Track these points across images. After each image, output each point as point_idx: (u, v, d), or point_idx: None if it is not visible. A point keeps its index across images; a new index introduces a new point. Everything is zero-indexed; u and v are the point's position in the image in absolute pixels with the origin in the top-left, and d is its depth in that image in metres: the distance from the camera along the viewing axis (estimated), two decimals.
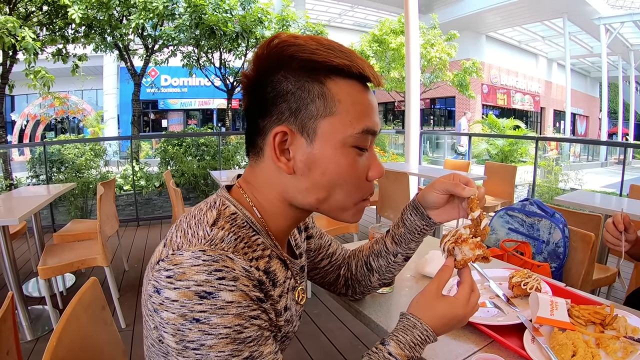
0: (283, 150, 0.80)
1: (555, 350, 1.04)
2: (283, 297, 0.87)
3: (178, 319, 0.68)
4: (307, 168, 0.80)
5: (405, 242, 1.11)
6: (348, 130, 0.79)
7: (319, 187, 0.81)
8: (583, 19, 22.28)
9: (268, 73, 0.79)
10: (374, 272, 1.19)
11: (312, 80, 0.78)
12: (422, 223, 1.07)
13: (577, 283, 2.09)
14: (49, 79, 8.05)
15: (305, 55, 0.76)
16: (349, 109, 0.79)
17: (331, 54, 0.77)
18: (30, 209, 3.14)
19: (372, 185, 0.88)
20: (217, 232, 0.76)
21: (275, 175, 0.84)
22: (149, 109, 23.62)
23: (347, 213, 0.87)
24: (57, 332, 1.00)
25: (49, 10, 8.70)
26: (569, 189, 8.34)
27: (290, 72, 0.78)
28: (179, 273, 0.69)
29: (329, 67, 0.77)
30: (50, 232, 5.07)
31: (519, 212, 2.25)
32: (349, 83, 0.80)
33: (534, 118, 29.35)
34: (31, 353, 2.95)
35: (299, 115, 0.78)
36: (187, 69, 10.68)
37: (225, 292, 0.69)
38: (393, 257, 1.14)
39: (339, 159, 0.79)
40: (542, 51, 29.39)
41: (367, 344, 3.02)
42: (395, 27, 15.60)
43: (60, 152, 7.86)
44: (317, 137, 0.78)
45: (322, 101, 0.78)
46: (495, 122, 16.07)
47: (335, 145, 0.79)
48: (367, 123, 0.81)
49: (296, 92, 0.77)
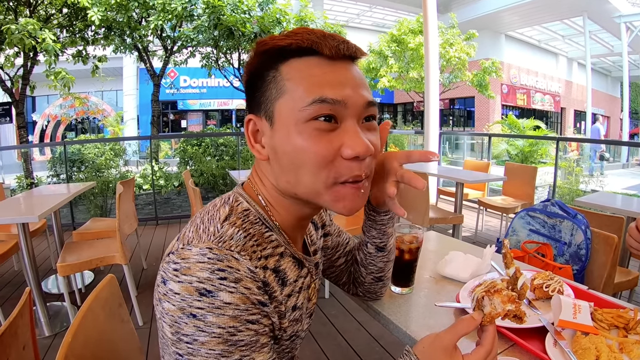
0: (258, 139, 0.84)
1: (578, 355, 1.01)
2: (293, 296, 0.87)
3: (177, 311, 0.69)
4: (274, 152, 0.80)
5: (367, 230, 1.14)
6: (297, 105, 0.75)
7: (286, 169, 0.79)
8: (603, 17, 21.93)
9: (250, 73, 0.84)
10: (359, 265, 1.21)
11: (268, 67, 0.80)
12: (369, 207, 1.10)
13: (599, 286, 2.05)
14: (69, 80, 8.16)
15: (261, 48, 0.80)
16: (298, 84, 0.76)
17: (282, 39, 0.78)
18: (49, 207, 3.18)
19: (354, 166, 0.77)
20: (227, 228, 0.77)
21: (264, 165, 0.86)
22: (168, 110, 23.80)
23: (322, 198, 0.79)
24: (73, 328, 1.00)
25: (69, 13, 8.82)
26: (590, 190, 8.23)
27: (258, 66, 0.82)
28: (184, 267, 0.70)
29: (278, 51, 0.79)
30: (70, 230, 5.12)
31: (541, 213, 2.22)
32: (302, 60, 0.78)
33: (554, 118, 29.02)
34: (49, 348, 2.99)
35: (261, 103, 0.81)
36: (206, 69, 10.70)
37: (225, 292, 0.69)
38: (366, 247, 1.17)
39: (294, 136, 0.76)
40: (562, 50, 29.03)
41: (385, 346, 3.01)
42: (413, 27, 15.51)
43: (80, 152, 7.96)
44: (275, 119, 0.79)
45: (274, 84, 0.79)
46: (515, 123, 15.93)
47: (289, 123, 0.77)
48: (318, 93, 0.75)
49: (257, 82, 0.82)
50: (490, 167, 6.12)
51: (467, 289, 1.40)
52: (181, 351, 0.70)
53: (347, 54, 0.79)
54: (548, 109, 27.90)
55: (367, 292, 1.27)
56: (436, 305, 1.30)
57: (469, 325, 0.77)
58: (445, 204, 7.18)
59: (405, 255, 1.39)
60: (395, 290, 1.44)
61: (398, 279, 1.44)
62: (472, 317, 0.78)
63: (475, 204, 6.24)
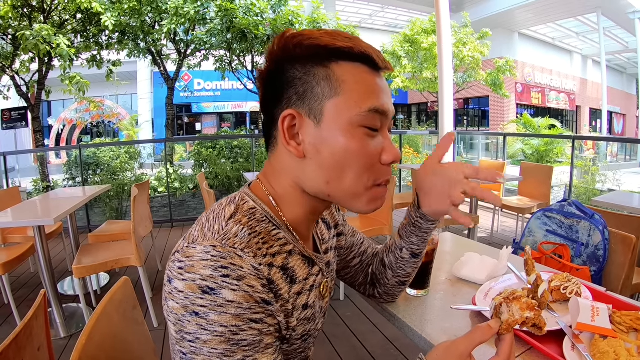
0: (293, 135, 0.81)
1: (597, 359, 1.00)
2: (303, 294, 0.87)
3: (180, 309, 0.70)
4: (316, 150, 0.80)
5: (407, 236, 1.12)
6: (354, 110, 0.78)
7: (328, 169, 0.80)
8: (617, 13, 21.70)
9: (279, 64, 0.81)
10: (387, 268, 1.20)
11: (317, 64, 0.79)
12: (417, 214, 1.07)
13: (617, 288, 2.02)
14: (84, 85, 8.25)
15: (309, 42, 0.79)
16: (354, 89, 0.79)
17: (335, 38, 0.79)
18: (65, 210, 3.21)
19: (387, 170, 0.85)
20: (232, 226, 0.77)
21: (288, 162, 0.84)
22: (182, 113, 24.00)
23: (360, 200, 0.83)
24: (87, 329, 1.00)
25: (83, 18, 8.91)
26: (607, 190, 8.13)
27: (298, 60, 0.80)
28: (188, 265, 0.71)
29: (332, 50, 0.79)
30: (86, 232, 5.16)
31: (557, 213, 2.19)
32: (354, 65, 0.80)
33: (569, 117, 28.75)
34: (64, 350, 3.02)
35: (305, 98, 0.79)
36: (219, 72, 10.75)
37: (228, 290, 0.69)
38: (400, 251, 1.15)
39: (347, 138, 0.79)
40: (577, 48, 28.76)
41: (400, 348, 2.99)
42: (426, 27, 15.47)
43: (95, 155, 8.05)
44: (324, 118, 0.79)
45: (326, 83, 0.79)
46: (530, 122, 15.81)
47: (342, 125, 0.79)
48: (373, 102, 0.80)
49: (302, 77, 0.79)
50: (505, 167, 6.07)
51: (484, 291, 1.38)
52: (184, 350, 0.71)
53: (388, 67, 0.85)
54: (563, 108, 27.66)
55: (385, 294, 1.26)
56: (452, 308, 1.29)
57: (485, 333, 0.75)
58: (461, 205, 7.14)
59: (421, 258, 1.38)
60: (410, 293, 1.43)
61: (414, 282, 1.42)
62: (489, 325, 0.76)
63: (490, 205, 6.20)
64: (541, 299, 0.82)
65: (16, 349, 1.08)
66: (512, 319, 0.76)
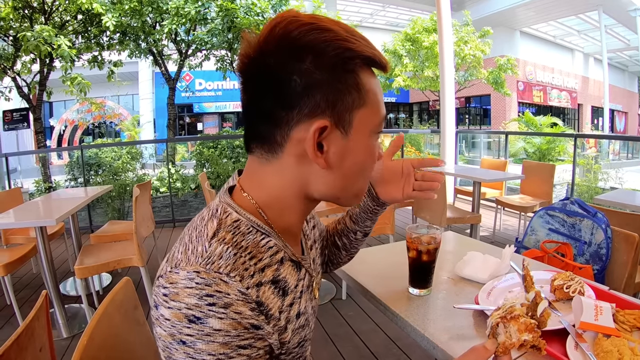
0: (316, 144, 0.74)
1: (600, 358, 0.99)
2: (295, 303, 0.84)
3: (168, 337, 0.68)
4: (340, 160, 0.77)
5: (362, 221, 1.23)
6: (375, 119, 0.79)
7: (348, 176, 0.80)
8: (619, 10, 21.68)
9: (293, 59, 0.71)
10: (340, 249, 1.29)
11: (346, 70, 0.72)
12: (373, 204, 1.19)
13: (620, 286, 2.01)
14: (85, 85, 8.27)
15: (341, 44, 0.71)
16: (375, 99, 0.78)
17: (361, 42, 0.73)
18: (67, 211, 3.22)
19: None
20: (216, 247, 0.73)
21: (295, 170, 0.78)
22: (184, 113, 24.02)
23: (359, 198, 0.88)
24: (88, 330, 1.00)
25: (84, 19, 8.93)
26: (609, 188, 8.12)
27: (325, 61, 0.71)
28: (173, 293, 0.68)
29: (362, 57, 0.73)
30: (88, 233, 5.17)
31: (560, 211, 2.19)
32: (370, 72, 0.78)
33: (571, 115, 28.71)
34: (67, 350, 3.03)
35: (336, 107, 0.72)
36: (220, 72, 10.75)
37: (214, 319, 0.67)
38: (353, 234, 1.26)
39: (369, 147, 0.80)
40: (578, 46, 28.72)
41: (402, 347, 2.99)
42: (427, 26, 15.48)
43: (97, 156, 8.05)
44: (352, 128, 0.75)
45: (356, 92, 0.74)
46: (532, 120, 15.78)
47: (367, 134, 0.78)
48: (384, 109, 0.81)
49: (332, 82, 0.71)
50: (507, 165, 6.07)
51: (486, 290, 1.38)
52: None
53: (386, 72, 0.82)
54: (565, 106, 27.62)
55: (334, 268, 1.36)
56: (455, 307, 1.28)
57: (481, 355, 0.72)
58: (463, 203, 7.14)
59: (423, 257, 1.37)
60: (413, 292, 1.42)
61: (416, 281, 1.42)
62: (485, 347, 0.73)
63: (493, 203, 6.19)
64: (540, 318, 0.76)
65: (18, 350, 1.08)
66: (509, 342, 0.72)
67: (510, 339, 0.72)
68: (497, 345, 0.72)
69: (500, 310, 0.75)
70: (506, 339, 0.72)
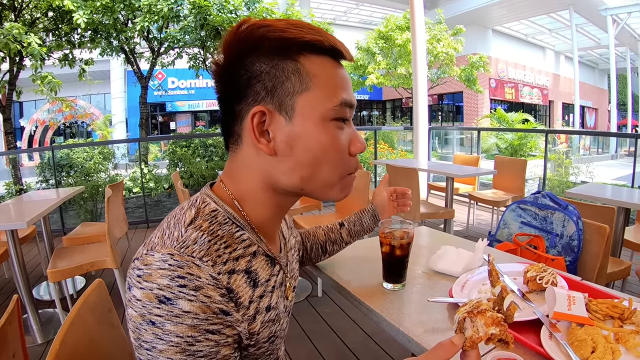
0: (262, 131, 0.79)
1: (574, 347, 1.01)
2: (265, 296, 0.84)
3: (138, 317, 0.69)
4: (289, 147, 0.79)
5: (358, 236, 1.55)
6: (326, 104, 0.79)
7: (303, 165, 0.80)
8: (589, 10, 22.12)
9: (240, 57, 0.78)
10: (327, 253, 1.52)
11: (285, 58, 0.78)
12: (374, 224, 1.56)
13: (592, 277, 2.05)
14: (56, 84, 8.11)
15: (276, 35, 0.76)
16: (325, 83, 0.79)
17: (301, 31, 0.77)
18: (38, 213, 3.16)
19: (356, 160, 0.87)
20: (191, 232, 0.75)
21: (256, 161, 0.82)
22: (156, 112, 23.76)
23: (334, 189, 0.86)
24: (60, 334, 0.98)
25: (55, 16, 8.76)
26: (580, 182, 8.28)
27: (263, 53, 0.77)
28: (146, 274, 0.69)
29: (301, 44, 0.77)
30: (60, 235, 5.08)
31: (532, 205, 2.22)
32: (321, 58, 0.80)
33: (542, 111, 29.18)
34: (41, 356, 2.96)
35: (275, 93, 0.77)
36: (193, 70, 10.68)
37: (184, 300, 0.68)
38: (344, 244, 1.54)
39: (321, 133, 0.79)
40: (549, 44, 29.20)
41: (380, 343, 3.00)
42: (400, 24, 15.56)
43: (69, 157, 7.93)
44: (295, 114, 0.78)
45: (297, 77, 0.77)
46: (504, 117, 15.99)
47: (315, 120, 0.78)
48: (343, 95, 0.81)
49: (270, 71, 0.77)
50: (480, 161, 6.13)
51: (460, 283, 1.39)
52: (142, 357, 0.70)
53: (352, 60, 0.87)
54: (536, 103, 28.06)
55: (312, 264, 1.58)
56: (429, 300, 1.29)
57: (448, 350, 0.70)
58: (436, 198, 7.20)
59: (397, 251, 1.38)
60: (387, 287, 1.43)
61: (390, 276, 1.43)
62: (452, 342, 0.71)
63: (466, 198, 6.26)
64: (507, 312, 0.76)
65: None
66: (476, 336, 0.71)
67: (477, 333, 0.71)
68: (464, 339, 0.72)
69: (467, 305, 0.75)
70: (473, 333, 0.71)
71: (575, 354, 0.98)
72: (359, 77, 17.32)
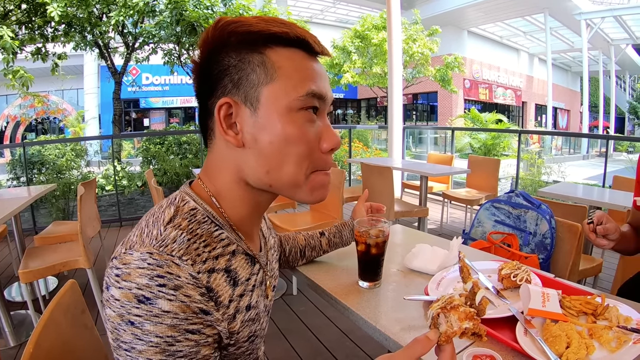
0: (230, 124, 0.79)
1: (549, 342, 1.02)
2: (246, 295, 0.84)
3: (116, 318, 0.68)
4: (254, 139, 0.78)
5: (336, 247, 1.63)
6: (292, 94, 0.77)
7: (268, 157, 0.79)
8: (564, 14, 22.56)
9: (213, 53, 0.80)
10: (305, 258, 1.58)
11: (252, 51, 0.78)
12: (353, 239, 1.55)
13: (565, 274, 2.09)
14: (28, 79, 7.97)
15: (243, 29, 0.77)
16: (291, 74, 0.78)
17: (269, 24, 0.78)
18: (9, 212, 3.08)
19: (328, 158, 0.84)
20: (170, 231, 0.74)
21: (227, 154, 0.82)
22: (130, 108, 23.47)
23: (301, 189, 0.82)
24: (33, 337, 0.96)
25: (28, 9, 8.60)
26: (552, 181, 8.41)
27: (231, 48, 0.78)
28: (125, 273, 0.68)
29: (267, 36, 0.78)
30: (32, 234, 4.99)
31: (505, 204, 2.25)
32: (290, 50, 0.80)
33: (515, 112, 29.62)
34: (14, 359, 2.89)
35: (240, 85, 0.78)
36: (168, 66, 10.56)
37: (164, 300, 0.67)
38: (323, 252, 1.62)
39: (286, 124, 0.77)
40: (524, 46, 29.65)
41: (355, 340, 3.01)
42: (377, 23, 15.65)
43: (40, 153, 7.78)
44: (260, 105, 0.77)
45: (262, 69, 0.77)
46: (478, 117, 16.16)
47: (280, 111, 0.77)
48: (311, 86, 0.79)
49: (237, 64, 0.78)
50: (453, 160, 6.19)
51: (436, 281, 1.40)
52: (120, 358, 0.69)
53: (325, 52, 0.84)
54: (510, 103, 28.47)
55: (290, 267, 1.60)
56: (405, 298, 1.30)
57: (424, 345, 0.71)
58: (410, 197, 7.24)
59: (372, 250, 1.38)
60: (363, 285, 1.43)
61: (365, 274, 1.43)
62: (427, 337, 0.71)
63: (439, 197, 6.32)
64: (479, 306, 0.77)
65: None
66: (450, 330, 0.72)
67: (451, 328, 0.72)
68: (439, 334, 0.73)
69: (440, 301, 0.76)
70: (448, 328, 0.72)
71: (550, 350, 0.99)
72: (334, 76, 17.35)
